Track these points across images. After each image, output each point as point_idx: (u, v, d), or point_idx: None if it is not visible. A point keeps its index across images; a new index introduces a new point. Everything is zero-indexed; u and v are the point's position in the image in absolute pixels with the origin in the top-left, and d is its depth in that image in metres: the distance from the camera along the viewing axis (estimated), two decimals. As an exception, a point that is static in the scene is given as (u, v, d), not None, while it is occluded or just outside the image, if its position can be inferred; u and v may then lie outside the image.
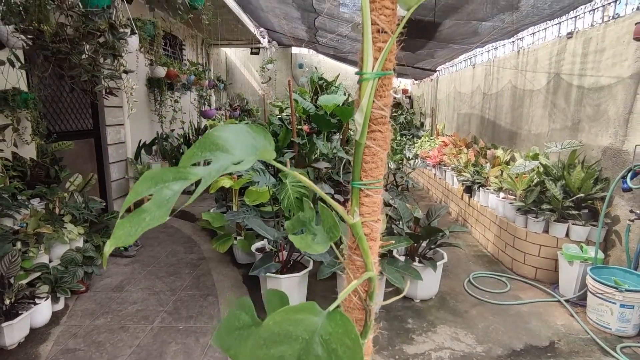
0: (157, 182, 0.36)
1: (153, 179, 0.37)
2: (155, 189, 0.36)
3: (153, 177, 0.37)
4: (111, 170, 5.09)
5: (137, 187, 0.37)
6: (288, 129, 5.21)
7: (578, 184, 3.52)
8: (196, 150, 0.40)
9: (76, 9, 2.52)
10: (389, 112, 0.43)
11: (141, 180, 0.37)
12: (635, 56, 3.24)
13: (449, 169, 6.10)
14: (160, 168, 0.38)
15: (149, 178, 0.37)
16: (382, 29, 0.40)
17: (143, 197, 0.38)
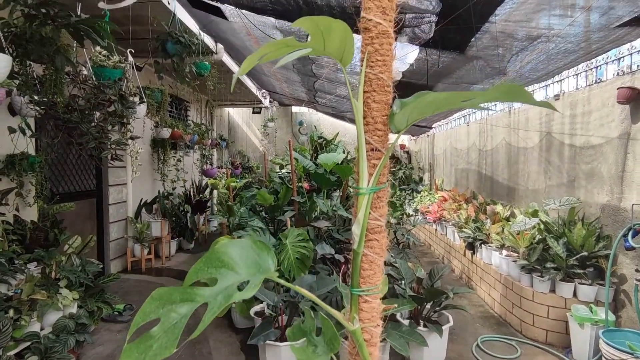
0: (165, 302, 0.37)
1: (161, 299, 0.38)
2: (163, 311, 0.37)
3: (160, 297, 0.38)
4: (110, 230, 5.07)
5: (145, 308, 0.38)
6: (288, 186, 5.28)
7: (580, 241, 3.50)
8: (202, 266, 0.42)
9: (89, 81, 2.68)
10: (384, 220, 0.46)
11: (149, 300, 0.38)
12: (621, 118, 3.37)
13: (450, 224, 6.08)
14: (167, 287, 0.40)
15: (156, 298, 0.39)
16: (376, 147, 0.44)
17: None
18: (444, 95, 0.41)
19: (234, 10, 4.06)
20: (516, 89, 0.39)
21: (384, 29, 0.46)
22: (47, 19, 2.15)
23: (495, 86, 0.39)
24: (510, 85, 0.39)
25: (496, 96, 0.41)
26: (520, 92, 0.40)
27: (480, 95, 0.43)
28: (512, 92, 0.40)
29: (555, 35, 3.23)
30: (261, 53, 0.44)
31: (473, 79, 4.92)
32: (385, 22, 0.46)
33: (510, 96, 0.40)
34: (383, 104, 0.46)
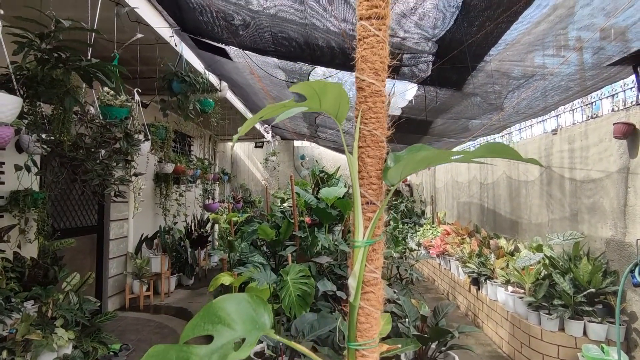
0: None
1: (157, 356, 0.38)
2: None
3: (157, 355, 0.38)
4: (110, 266, 5.01)
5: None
6: (290, 221, 5.26)
7: (587, 277, 3.43)
8: (199, 321, 0.42)
9: (96, 120, 2.76)
10: (380, 272, 0.46)
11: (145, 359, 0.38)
12: (619, 152, 3.41)
13: (453, 259, 5.99)
14: (163, 346, 0.40)
15: (152, 355, 0.38)
16: (371, 201, 0.45)
17: None
18: (435, 153, 0.43)
19: (238, 51, 4.22)
20: (502, 147, 0.41)
21: (377, 88, 0.49)
22: (58, 63, 2.24)
23: (482, 145, 0.41)
24: (496, 144, 0.40)
25: (483, 154, 0.43)
26: (506, 149, 0.42)
27: (468, 154, 0.44)
28: (498, 150, 0.42)
29: (549, 73, 3.33)
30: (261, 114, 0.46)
31: (471, 115, 5.01)
32: (377, 82, 0.49)
33: (496, 154, 0.42)
34: (377, 159, 0.47)
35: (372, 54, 0.49)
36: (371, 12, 0.48)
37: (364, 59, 0.49)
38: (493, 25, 2.53)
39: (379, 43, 0.49)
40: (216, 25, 3.58)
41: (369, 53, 0.49)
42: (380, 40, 0.49)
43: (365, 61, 0.49)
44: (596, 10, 2.37)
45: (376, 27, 0.48)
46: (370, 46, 0.49)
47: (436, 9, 2.59)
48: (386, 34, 0.49)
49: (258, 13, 3.18)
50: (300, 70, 4.51)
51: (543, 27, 2.62)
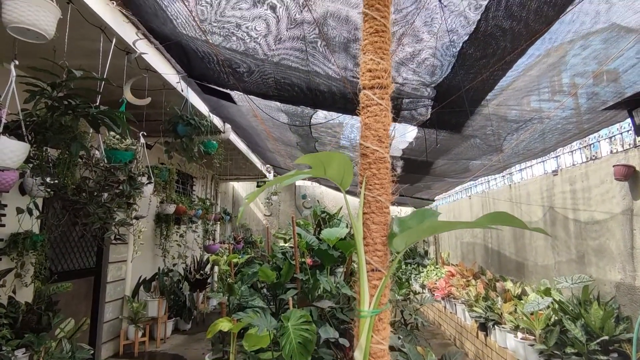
0: None
1: None
2: None
3: None
4: (105, 310, 4.87)
5: None
6: (291, 263, 5.17)
7: (599, 323, 3.31)
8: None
9: (101, 164, 2.79)
10: (387, 343, 0.44)
11: None
12: (622, 194, 3.40)
13: (459, 302, 5.81)
14: None
15: None
16: (376, 268, 0.45)
17: None
18: (441, 223, 0.43)
19: (242, 95, 4.36)
20: (506, 216, 0.41)
21: (381, 155, 0.50)
22: (68, 110, 2.30)
23: (488, 214, 0.41)
24: (501, 213, 0.40)
25: (488, 222, 0.43)
26: (511, 219, 0.42)
27: (472, 224, 0.44)
28: (502, 219, 0.42)
29: (546, 117, 3.40)
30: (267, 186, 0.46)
31: (471, 156, 5.07)
32: (381, 149, 0.50)
33: (501, 222, 0.42)
34: (382, 225, 0.47)
35: (376, 122, 0.50)
36: (374, 82, 0.50)
37: (367, 126, 0.51)
38: (489, 73, 2.62)
39: (381, 111, 0.50)
40: (222, 72, 3.72)
41: (372, 121, 0.51)
42: (383, 108, 0.50)
43: (369, 129, 0.50)
44: (588, 59, 2.46)
45: (379, 96, 0.50)
46: (373, 114, 0.51)
47: (434, 58, 2.69)
48: (388, 102, 0.51)
49: (263, 61, 3.31)
50: (302, 114, 4.62)
51: (537, 74, 2.71)
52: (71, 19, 2.54)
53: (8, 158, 2.04)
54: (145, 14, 3.01)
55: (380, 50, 0.52)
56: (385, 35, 0.54)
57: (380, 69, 0.52)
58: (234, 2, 2.39)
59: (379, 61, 0.51)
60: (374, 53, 0.52)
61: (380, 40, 0.53)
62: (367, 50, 0.52)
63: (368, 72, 0.51)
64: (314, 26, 2.58)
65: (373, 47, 0.52)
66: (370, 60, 0.51)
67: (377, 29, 0.53)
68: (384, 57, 0.52)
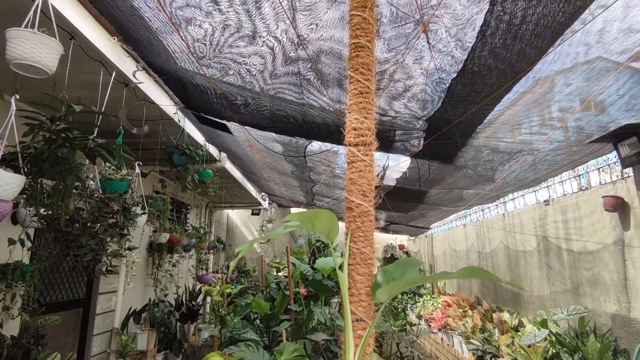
0: None
1: None
2: None
3: None
4: (93, 344, 4.73)
5: None
6: (285, 293, 5.10)
7: (596, 356, 3.26)
8: None
9: (96, 195, 2.80)
10: (373, 394, 0.46)
11: None
12: (612, 224, 3.45)
13: (456, 333, 5.72)
14: None
15: None
16: (361, 318, 0.46)
17: None
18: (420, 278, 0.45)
19: (238, 126, 4.43)
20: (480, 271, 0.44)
21: (365, 209, 0.52)
22: (65, 142, 2.33)
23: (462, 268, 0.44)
24: (475, 268, 0.43)
25: (463, 276, 0.46)
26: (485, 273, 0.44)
27: (450, 276, 0.47)
28: (477, 273, 0.44)
29: (535, 149, 3.48)
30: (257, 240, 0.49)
31: (464, 185, 5.13)
32: (365, 202, 0.53)
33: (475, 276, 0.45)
34: (366, 276, 0.49)
35: (360, 177, 0.54)
36: (359, 140, 0.54)
37: (352, 181, 0.54)
38: (477, 107, 2.71)
39: (365, 167, 0.54)
40: (219, 104, 3.80)
41: (357, 176, 0.54)
42: (367, 164, 0.54)
43: (353, 184, 0.53)
44: (572, 95, 2.56)
45: (363, 153, 0.54)
46: (358, 170, 0.54)
47: (424, 93, 2.79)
48: (372, 159, 0.54)
49: (259, 94, 3.40)
50: (297, 144, 4.69)
51: (524, 109, 2.81)
52: (73, 53, 2.61)
53: (3, 190, 2.05)
54: (144, 49, 3.11)
55: (364, 110, 0.56)
56: (369, 96, 0.58)
57: (365, 127, 0.55)
58: (232, 40, 2.48)
59: (363, 120, 0.54)
60: (358, 112, 0.56)
61: (365, 101, 0.57)
62: (352, 109, 0.56)
63: (353, 130, 0.54)
64: (308, 63, 2.68)
65: (357, 107, 0.56)
66: (355, 120, 0.55)
67: (362, 91, 0.57)
68: (367, 117, 0.55)
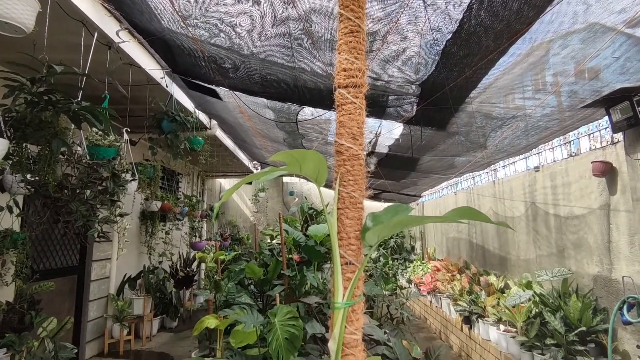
0: None
1: None
2: None
3: None
4: (89, 309, 4.81)
5: None
6: (278, 259, 5.18)
7: (577, 315, 3.41)
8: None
9: (83, 160, 2.75)
10: (361, 334, 0.46)
11: None
12: (599, 189, 3.50)
13: (444, 296, 5.91)
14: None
15: None
16: (350, 261, 0.46)
17: None
18: (410, 218, 0.44)
19: (228, 91, 4.33)
20: (471, 211, 0.43)
21: (355, 152, 0.51)
22: (48, 105, 2.26)
23: (454, 209, 0.43)
24: (467, 208, 0.42)
25: (455, 217, 0.45)
26: (476, 213, 0.43)
27: (440, 218, 0.46)
28: (468, 214, 0.44)
29: (528, 115, 3.47)
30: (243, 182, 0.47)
31: (455, 152, 5.14)
32: (355, 146, 0.51)
33: (467, 217, 0.44)
34: (356, 220, 0.49)
35: (350, 120, 0.52)
36: (349, 82, 0.51)
37: (342, 124, 0.52)
38: (471, 71, 2.66)
39: (355, 110, 0.52)
40: (207, 68, 3.69)
41: (346, 119, 0.52)
42: (357, 107, 0.52)
43: (343, 126, 0.52)
44: (567, 58, 2.52)
45: (353, 95, 0.51)
46: (348, 112, 0.52)
47: (418, 56, 2.72)
48: (363, 101, 0.52)
49: (248, 57, 3.29)
50: (289, 110, 4.61)
51: (519, 72, 2.77)
52: (51, 12, 2.48)
53: (-14, 154, 2.00)
54: (127, 8, 2.96)
55: (355, 50, 0.53)
56: (360, 36, 0.55)
57: (355, 68, 0.53)
58: (219, -3, 2.37)
59: (353, 60, 0.52)
60: (348, 53, 0.53)
61: (355, 40, 0.54)
62: (342, 50, 0.53)
63: (343, 71, 0.52)
64: (299, 22, 2.58)
65: (347, 47, 0.53)
66: (345, 60, 0.52)
67: (352, 29, 0.54)
68: (358, 57, 0.53)
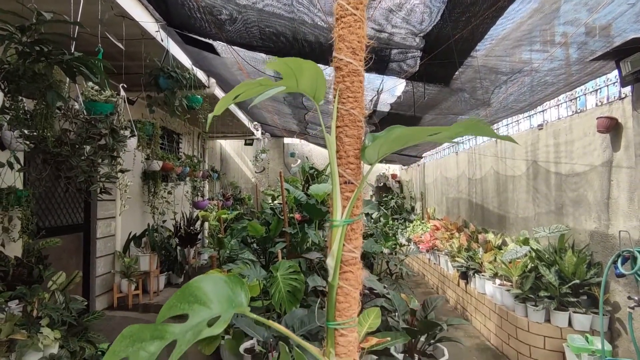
0: (134, 341, 0.37)
1: (131, 337, 0.38)
2: (132, 350, 0.36)
3: (131, 335, 0.38)
4: (97, 265, 4.95)
5: (114, 347, 0.37)
6: (280, 218, 5.25)
7: (572, 269, 3.50)
8: (176, 301, 0.41)
9: (81, 115, 2.71)
10: (360, 252, 0.46)
11: (119, 339, 0.38)
12: (603, 146, 3.47)
13: (443, 253, 6.05)
14: (139, 325, 0.39)
15: (127, 336, 0.38)
16: (349, 180, 0.45)
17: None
18: (411, 130, 0.43)
19: (226, 46, 4.19)
20: (477, 123, 0.41)
21: (355, 67, 0.49)
22: (40, 57, 2.19)
23: (459, 122, 0.42)
24: (473, 120, 0.41)
25: (459, 131, 0.43)
26: (481, 126, 0.42)
27: (445, 130, 0.45)
28: (473, 127, 0.42)
29: (536, 69, 3.37)
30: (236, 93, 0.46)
31: (459, 110, 5.06)
32: (355, 61, 0.49)
33: (472, 130, 0.42)
34: (355, 138, 0.47)
35: (350, 33, 0.49)
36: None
37: (341, 38, 0.49)
38: (479, 20, 2.55)
39: (356, 22, 0.49)
40: (203, 20, 3.55)
41: (346, 32, 0.49)
42: (358, 19, 0.49)
43: (342, 40, 0.49)
44: (579, 6, 2.40)
45: (353, 5, 0.48)
46: (347, 25, 0.49)
47: (423, 5, 2.60)
48: (363, 13, 0.49)
49: (245, 7, 3.15)
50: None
51: (528, 22, 2.65)
52: (36, -44, 2.35)
53: (-19, 107, 1.96)
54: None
55: (355, -44, 0.50)
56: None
57: (355, -25, 0.49)
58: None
59: (354, -32, 0.48)
60: (348, -40, 0.49)
61: (355, -53, 0.50)
62: (342, -44, 0.50)
63: (342, -21, 0.49)
64: (298, -33, 2.44)
65: (348, -47, 0.49)
66: (345, -33, 0.49)
67: None
68: (358, -36, 0.49)
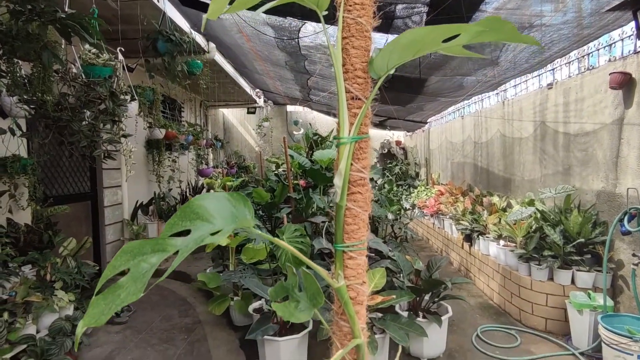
0: (135, 255, 0.36)
1: (131, 252, 0.37)
2: (133, 263, 0.35)
3: (131, 250, 0.37)
4: (106, 233, 5.03)
5: (114, 262, 0.36)
6: (284, 184, 5.26)
7: (577, 228, 3.50)
8: (177, 220, 0.40)
9: (79, 79, 2.66)
10: (368, 173, 0.44)
11: (118, 254, 0.37)
12: (615, 103, 3.38)
13: (447, 217, 6.08)
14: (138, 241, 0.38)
15: (127, 251, 0.37)
16: (356, 96, 0.43)
17: (121, 270, 0.37)
18: (424, 32, 0.39)
19: (224, 6, 4.03)
20: (500, 22, 0.38)
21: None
22: (33, 15, 2.12)
23: (480, 21, 0.38)
24: (493, 18, 0.37)
25: (480, 30, 0.40)
26: (504, 24, 0.38)
27: (463, 29, 0.41)
28: (495, 26, 0.38)
29: (547, 23, 3.22)
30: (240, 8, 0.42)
31: (466, 71, 4.91)
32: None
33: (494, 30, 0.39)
34: (363, 50, 0.44)
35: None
36: None
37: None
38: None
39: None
40: (199, -23, 3.40)
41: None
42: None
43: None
44: (597, -51, 2.26)
45: None
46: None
47: (430, -48, 2.46)
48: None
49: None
50: (290, 27, 4.34)
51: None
52: None
53: (-24, 68, 1.92)
54: None
55: None
56: None
57: None
58: None
59: None
60: None
61: None
62: None
63: None
64: None
65: None
66: None
67: None
68: None
